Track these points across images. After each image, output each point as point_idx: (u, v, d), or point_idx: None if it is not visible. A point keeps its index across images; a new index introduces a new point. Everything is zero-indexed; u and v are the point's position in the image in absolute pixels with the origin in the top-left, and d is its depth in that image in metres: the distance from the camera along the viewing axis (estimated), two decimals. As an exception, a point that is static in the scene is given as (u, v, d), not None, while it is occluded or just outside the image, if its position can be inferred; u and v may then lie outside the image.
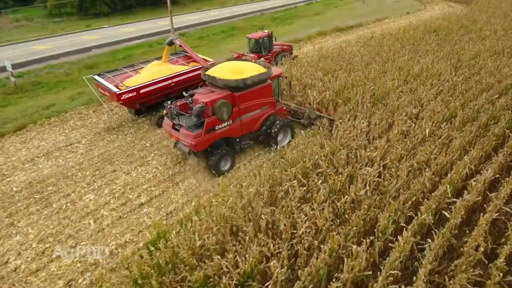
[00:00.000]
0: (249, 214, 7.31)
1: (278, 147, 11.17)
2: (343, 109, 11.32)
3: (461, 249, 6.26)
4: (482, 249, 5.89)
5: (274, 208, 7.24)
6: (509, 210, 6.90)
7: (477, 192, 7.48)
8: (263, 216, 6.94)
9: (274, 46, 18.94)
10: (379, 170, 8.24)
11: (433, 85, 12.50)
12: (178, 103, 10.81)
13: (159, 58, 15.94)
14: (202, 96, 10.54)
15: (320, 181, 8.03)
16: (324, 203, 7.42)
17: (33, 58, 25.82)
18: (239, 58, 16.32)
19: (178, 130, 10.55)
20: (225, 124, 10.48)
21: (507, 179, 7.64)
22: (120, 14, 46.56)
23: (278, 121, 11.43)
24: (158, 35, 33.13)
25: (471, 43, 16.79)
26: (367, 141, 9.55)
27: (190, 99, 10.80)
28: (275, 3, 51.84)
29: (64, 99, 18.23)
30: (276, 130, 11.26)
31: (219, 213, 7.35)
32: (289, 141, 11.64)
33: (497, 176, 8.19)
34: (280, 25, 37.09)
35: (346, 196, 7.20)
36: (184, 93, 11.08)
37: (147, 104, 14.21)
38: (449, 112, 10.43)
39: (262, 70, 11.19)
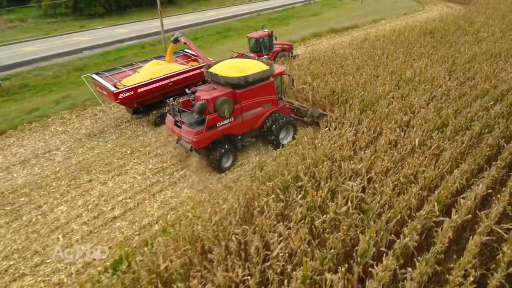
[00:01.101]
0: (221, 233, 6.77)
1: (280, 145, 11.08)
2: (327, 117, 10.77)
3: (448, 276, 5.70)
4: (471, 278, 5.34)
5: (247, 227, 6.69)
6: (500, 231, 6.35)
7: (467, 210, 6.93)
8: (233, 237, 6.39)
9: (274, 46, 18.88)
10: (363, 184, 7.69)
11: (425, 90, 11.92)
12: (180, 100, 10.86)
13: (158, 57, 15.77)
14: (203, 93, 10.53)
15: (300, 196, 7.49)
16: (303, 221, 6.90)
17: (23, 60, 25.37)
18: (239, 58, 16.00)
19: (180, 127, 10.56)
20: (227, 121, 10.46)
21: (499, 196, 7.07)
22: (116, 15, 46.10)
23: (280, 119, 11.30)
24: (152, 36, 32.60)
25: (467, 46, 16.17)
26: (353, 152, 8.99)
27: (192, 96, 10.86)
28: (273, 3, 51.39)
29: (49, 102, 17.73)
30: (278, 127, 11.18)
31: (189, 232, 6.82)
32: (293, 139, 11.42)
33: (490, 191, 7.62)
34: (276, 25, 36.55)
35: (325, 215, 6.64)
36: (186, 90, 11.21)
37: (145, 104, 13.98)
38: (441, 120, 9.86)
39: (264, 67, 11.12)
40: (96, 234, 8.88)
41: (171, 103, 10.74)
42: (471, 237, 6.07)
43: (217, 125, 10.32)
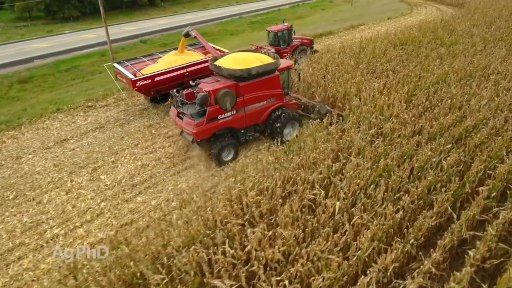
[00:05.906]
0: None
1: (284, 140, 10.61)
2: (233, 168, 8.37)
3: None
4: None
5: None
6: None
7: None
8: None
9: (294, 40, 18.47)
10: (239, 284, 5.35)
11: (373, 124, 9.51)
12: (184, 92, 10.73)
13: (176, 49, 16.38)
14: (206, 85, 10.43)
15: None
16: None
17: (-35, 72, 23.27)
18: (256, 51, 14.89)
19: (182, 119, 10.46)
20: (228, 114, 10.28)
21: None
22: (90, 18, 43.89)
23: (284, 114, 11.03)
24: (119, 41, 30.36)
25: (438, 62, 13.68)
26: (247, 222, 6.63)
27: (196, 88, 10.77)
28: (259, 5, 49.25)
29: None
30: (281, 123, 10.91)
31: None
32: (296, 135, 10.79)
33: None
34: (256, 30, 34.35)
35: None
36: (191, 82, 11.32)
37: (161, 92, 14.40)
38: (377, 173, 7.47)
39: (268, 61, 10.84)
40: None
41: (174, 95, 10.66)
42: None
43: (219, 118, 10.13)
